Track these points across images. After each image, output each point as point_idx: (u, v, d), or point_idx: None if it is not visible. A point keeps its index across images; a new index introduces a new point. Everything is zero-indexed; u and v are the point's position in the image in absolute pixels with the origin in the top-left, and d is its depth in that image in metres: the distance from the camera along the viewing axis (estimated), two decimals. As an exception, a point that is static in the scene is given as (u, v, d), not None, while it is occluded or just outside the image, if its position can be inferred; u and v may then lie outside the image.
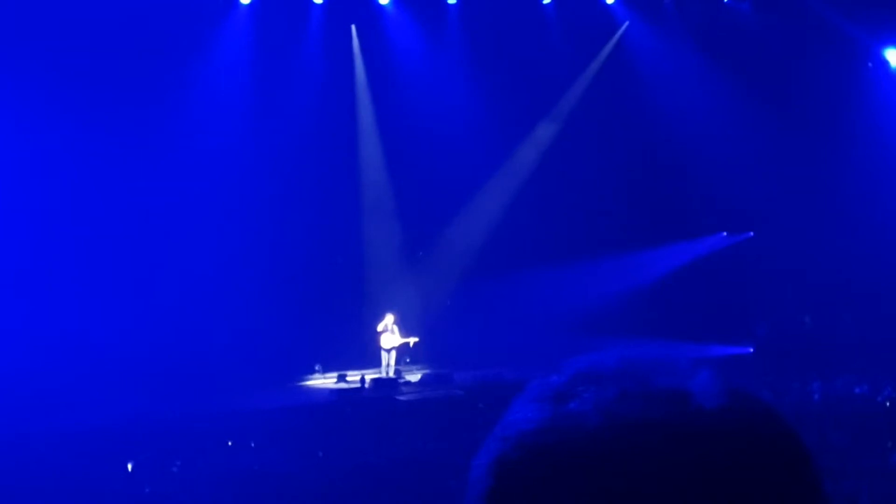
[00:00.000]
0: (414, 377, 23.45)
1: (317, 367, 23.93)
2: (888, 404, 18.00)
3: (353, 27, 25.77)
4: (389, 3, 25.60)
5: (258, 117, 24.15)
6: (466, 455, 1.37)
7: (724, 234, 26.62)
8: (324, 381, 23.51)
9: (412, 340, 23.24)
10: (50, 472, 14.49)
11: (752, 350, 23.60)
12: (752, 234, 26.26)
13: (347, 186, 25.77)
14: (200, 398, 19.66)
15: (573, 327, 23.10)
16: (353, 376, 22.99)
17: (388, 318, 23.21)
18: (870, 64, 26.67)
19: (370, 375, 22.62)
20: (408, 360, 24.64)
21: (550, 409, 1.27)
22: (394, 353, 23.21)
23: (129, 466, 15.35)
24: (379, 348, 23.16)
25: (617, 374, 1.30)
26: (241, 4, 24.24)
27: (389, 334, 23.12)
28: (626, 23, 26.55)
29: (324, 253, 25.08)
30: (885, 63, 26.61)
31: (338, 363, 23.61)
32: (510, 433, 1.26)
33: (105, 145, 21.88)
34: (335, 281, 25.28)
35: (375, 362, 23.33)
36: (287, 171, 24.32)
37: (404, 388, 22.04)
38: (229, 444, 17.19)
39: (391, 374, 23.04)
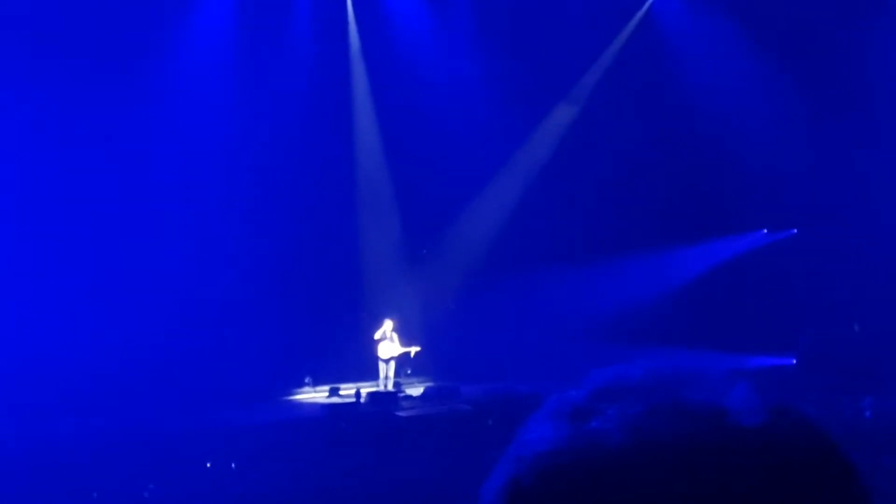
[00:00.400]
0: (415, 390, 23.46)
1: (307, 380, 23.97)
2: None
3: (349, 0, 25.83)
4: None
5: (242, 101, 24.17)
6: (475, 479, 1.37)
7: (765, 231, 26.59)
8: (314, 395, 23.55)
9: (413, 350, 23.27)
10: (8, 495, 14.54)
11: (795, 361, 23.58)
12: (795, 231, 26.21)
13: (341, 177, 25.81)
14: (175, 414, 19.68)
15: (594, 335, 23.11)
16: (348, 389, 23.01)
17: (387, 325, 23.24)
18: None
19: (366, 389, 22.64)
20: (408, 372, 24.66)
21: (569, 426, 1.27)
22: (393, 364, 23.24)
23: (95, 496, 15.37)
24: (376, 358, 23.18)
25: (644, 388, 1.31)
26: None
27: (388, 343, 23.14)
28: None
29: (314, 251, 25.11)
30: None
31: (330, 375, 23.65)
32: (525, 454, 1.26)
33: (74, 132, 22.06)
34: (327, 283, 25.30)
35: (372, 374, 23.35)
36: (272, 159, 24.36)
37: (404, 403, 22.06)
38: (207, 465, 17.20)
39: (390, 388, 23.06)
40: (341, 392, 23.20)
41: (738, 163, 25.30)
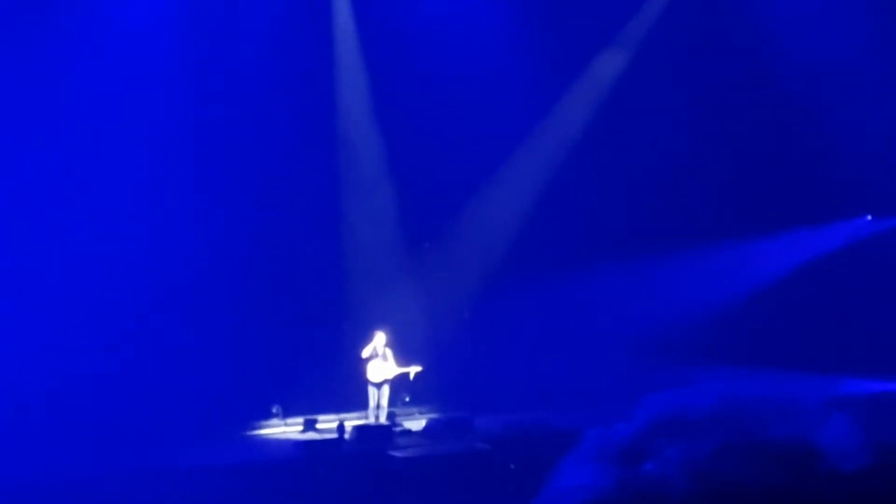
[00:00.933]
0: (415, 424, 23.45)
1: (274, 410, 23.99)
2: None
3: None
4: None
5: (212, 67, 24.31)
6: None
7: (868, 217, 26.55)
8: (285, 429, 23.57)
9: (413, 371, 23.27)
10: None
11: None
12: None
13: (322, 155, 25.78)
14: (115, 453, 19.76)
15: (641, 354, 23.13)
16: (328, 422, 23.01)
17: (378, 339, 23.23)
18: None
19: (352, 421, 22.64)
20: (406, 399, 24.67)
21: (617, 471, 1.27)
22: (386, 390, 23.24)
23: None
24: (365, 382, 23.20)
25: (713, 422, 1.31)
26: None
27: (379, 362, 23.14)
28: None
29: (286, 245, 25.15)
30: None
31: (305, 404, 23.66)
32: (559, 507, 1.26)
33: (49, 130, 22.61)
34: (303, 287, 25.31)
35: (359, 402, 23.36)
36: (235, 133, 24.37)
37: (401, 440, 22.06)
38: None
39: (382, 420, 23.06)
40: (319, 426, 23.20)
41: (832, 133, 25.26)
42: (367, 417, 23.09)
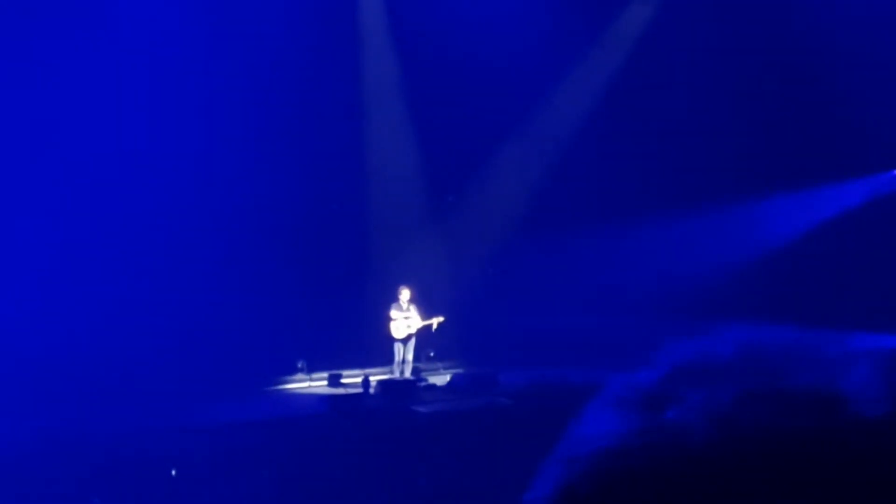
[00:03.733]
0: (440, 379, 23.57)
1: (300, 364, 24.10)
2: None
3: None
4: None
5: (237, 38, 24.32)
6: (516, 487, 1.37)
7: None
8: (310, 383, 23.69)
9: (435, 321, 23.32)
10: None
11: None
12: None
13: (345, 113, 25.75)
14: (136, 409, 19.87)
15: (666, 308, 23.09)
16: (352, 377, 23.12)
17: (403, 294, 23.30)
18: None
19: (377, 376, 22.74)
20: (431, 355, 24.75)
21: (639, 418, 1.27)
22: (411, 345, 23.34)
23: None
24: (388, 337, 23.27)
25: (736, 369, 1.30)
26: None
27: (404, 318, 23.21)
28: None
29: (309, 200, 25.16)
30: None
31: (329, 359, 23.76)
32: (580, 454, 1.25)
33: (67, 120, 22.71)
34: (328, 242, 25.36)
35: (383, 357, 23.46)
36: (260, 92, 24.38)
37: (426, 395, 22.18)
38: (173, 473, 17.37)
39: (407, 374, 23.18)
40: (344, 380, 23.31)
41: (858, 80, 25.06)
42: (391, 373, 23.20)
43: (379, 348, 23.48)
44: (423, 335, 23.56)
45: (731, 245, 25.56)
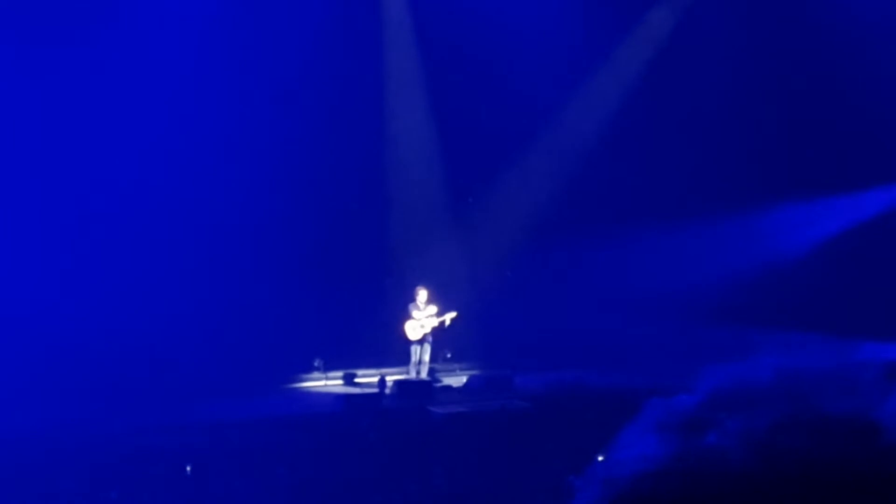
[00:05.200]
0: (456, 380, 23.53)
1: (316, 363, 24.07)
2: None
3: None
4: None
5: (258, 37, 24.39)
6: (529, 489, 1.39)
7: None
8: (326, 382, 23.67)
9: (448, 317, 23.25)
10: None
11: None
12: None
13: (366, 111, 25.70)
14: (153, 405, 19.93)
15: (687, 311, 23.04)
16: (368, 376, 23.10)
17: (420, 295, 23.29)
18: None
19: (393, 376, 22.72)
20: (448, 356, 24.70)
21: (678, 442, 1.29)
22: (428, 346, 23.30)
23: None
24: (406, 338, 23.24)
25: (773, 395, 1.33)
26: None
27: (421, 318, 23.18)
28: None
29: (328, 203, 25.10)
30: None
31: (346, 357, 23.76)
32: (619, 475, 1.28)
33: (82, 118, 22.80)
34: (346, 241, 25.30)
35: (400, 357, 23.45)
36: (282, 88, 24.37)
37: (442, 396, 22.15)
38: (188, 469, 17.39)
39: (423, 375, 23.15)
40: (360, 380, 23.30)
41: (877, 91, 25.02)
42: (407, 373, 23.18)
43: (396, 348, 23.46)
44: (440, 337, 23.53)
45: (748, 252, 25.48)
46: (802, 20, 25.53)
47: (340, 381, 23.48)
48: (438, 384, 23.09)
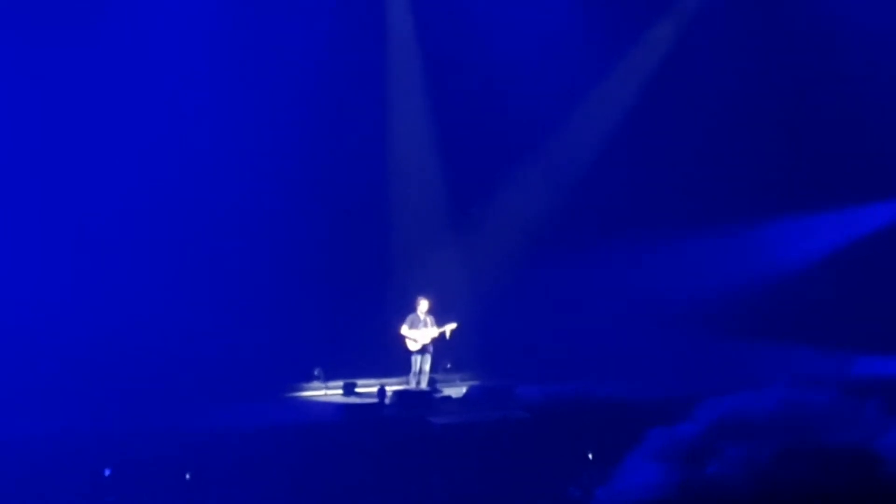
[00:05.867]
0: (456, 391, 23.50)
1: (316, 373, 24.08)
2: None
3: None
4: None
5: (259, 42, 24.42)
6: (529, 501, 1.40)
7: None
8: (325, 392, 23.66)
9: (448, 328, 23.25)
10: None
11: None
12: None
13: (367, 121, 25.72)
14: (152, 412, 19.92)
15: (688, 324, 23.03)
16: (368, 386, 23.08)
17: (421, 305, 23.29)
18: None
19: (393, 386, 22.70)
20: (448, 366, 24.69)
21: (681, 471, 1.31)
22: (429, 356, 23.29)
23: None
24: (405, 348, 23.24)
25: (776, 425, 1.34)
26: None
27: (422, 328, 23.18)
28: None
29: (329, 213, 25.13)
30: None
31: (346, 367, 23.74)
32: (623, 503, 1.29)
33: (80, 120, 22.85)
34: (347, 251, 25.30)
35: (400, 367, 23.43)
36: (282, 97, 24.41)
37: (442, 407, 22.10)
38: (187, 477, 17.40)
39: (423, 385, 23.14)
40: (360, 390, 23.28)
41: (886, 107, 25.05)
42: (408, 383, 23.16)
43: (396, 358, 23.45)
44: (440, 347, 23.52)
45: (750, 264, 25.49)
46: (805, 35, 25.57)
47: (340, 391, 23.47)
48: (438, 394, 23.07)
